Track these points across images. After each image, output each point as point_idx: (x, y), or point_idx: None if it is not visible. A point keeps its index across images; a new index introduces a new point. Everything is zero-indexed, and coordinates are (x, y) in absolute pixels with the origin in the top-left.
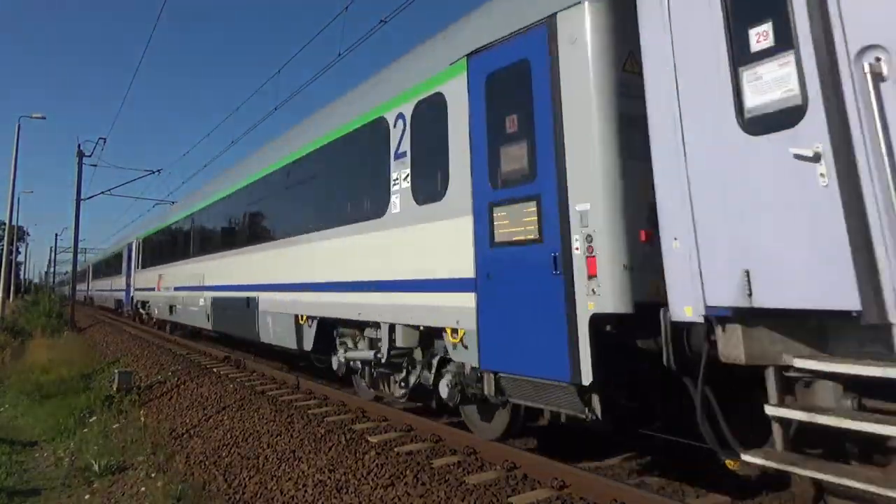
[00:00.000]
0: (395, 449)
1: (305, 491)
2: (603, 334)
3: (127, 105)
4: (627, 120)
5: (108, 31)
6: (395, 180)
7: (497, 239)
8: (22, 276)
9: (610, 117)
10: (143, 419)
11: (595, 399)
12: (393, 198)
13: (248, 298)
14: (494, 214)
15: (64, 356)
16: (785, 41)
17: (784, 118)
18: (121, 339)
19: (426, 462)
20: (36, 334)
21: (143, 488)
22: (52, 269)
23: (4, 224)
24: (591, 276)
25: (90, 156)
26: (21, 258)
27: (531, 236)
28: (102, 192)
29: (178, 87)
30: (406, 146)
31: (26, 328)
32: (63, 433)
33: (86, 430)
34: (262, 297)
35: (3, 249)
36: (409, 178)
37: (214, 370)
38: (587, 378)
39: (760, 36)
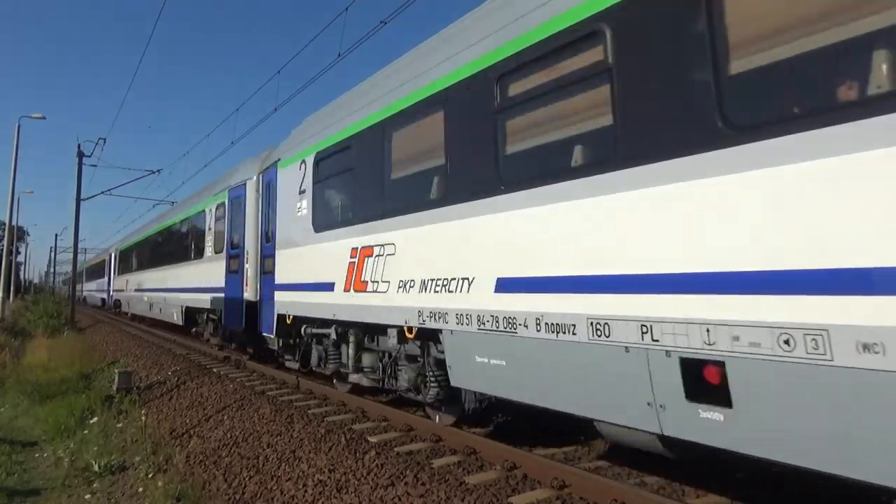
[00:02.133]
0: (395, 449)
1: (305, 491)
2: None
3: (127, 105)
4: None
5: (108, 31)
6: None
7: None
8: (22, 277)
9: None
10: (143, 419)
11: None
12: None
13: None
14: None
15: (64, 356)
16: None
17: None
18: (121, 339)
19: (426, 462)
20: (36, 334)
21: (142, 488)
22: (52, 269)
23: (4, 224)
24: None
25: (90, 156)
26: (21, 258)
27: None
28: (102, 192)
29: (178, 88)
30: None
31: (27, 328)
32: (63, 433)
33: (86, 430)
34: None
35: (3, 249)
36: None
37: (214, 370)
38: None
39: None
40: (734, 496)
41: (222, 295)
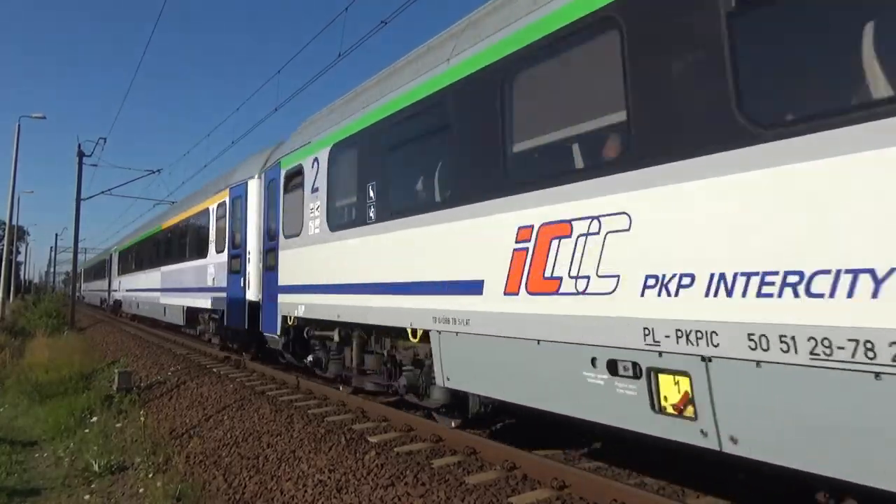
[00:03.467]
0: (395, 449)
1: (305, 491)
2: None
3: (127, 105)
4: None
5: (108, 32)
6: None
7: None
8: (22, 276)
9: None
10: (142, 419)
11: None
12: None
13: None
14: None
15: (64, 356)
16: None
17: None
18: (121, 339)
19: (426, 462)
20: (36, 334)
21: (142, 488)
22: (52, 269)
23: (4, 224)
24: None
25: (90, 156)
26: (21, 258)
27: None
28: (102, 192)
29: (178, 87)
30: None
31: (27, 328)
32: (63, 433)
33: (86, 430)
34: None
35: (3, 249)
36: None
37: (214, 370)
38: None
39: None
40: (734, 496)
41: None
